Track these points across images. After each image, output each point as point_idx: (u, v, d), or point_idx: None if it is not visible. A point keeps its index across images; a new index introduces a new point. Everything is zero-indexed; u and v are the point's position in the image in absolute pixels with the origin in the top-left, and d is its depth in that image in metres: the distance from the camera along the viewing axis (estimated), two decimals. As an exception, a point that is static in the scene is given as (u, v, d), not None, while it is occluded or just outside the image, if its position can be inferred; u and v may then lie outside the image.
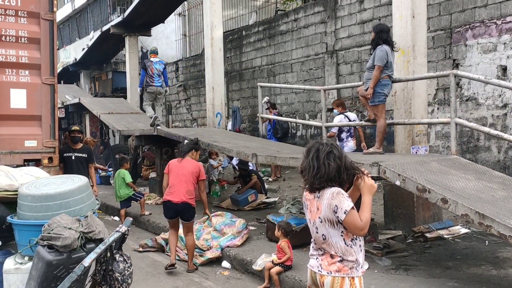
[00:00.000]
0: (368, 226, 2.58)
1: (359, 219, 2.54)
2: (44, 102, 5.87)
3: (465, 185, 4.69)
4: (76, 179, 3.96)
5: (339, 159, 2.62)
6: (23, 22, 5.65)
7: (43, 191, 3.64)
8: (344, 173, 2.63)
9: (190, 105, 17.32)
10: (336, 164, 2.60)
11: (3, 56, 5.53)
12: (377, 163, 4.94)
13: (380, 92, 6.13)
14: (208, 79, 11.67)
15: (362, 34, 10.69)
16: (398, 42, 6.40)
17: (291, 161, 6.13)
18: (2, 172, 3.90)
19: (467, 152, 8.40)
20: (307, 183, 2.71)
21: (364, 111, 10.01)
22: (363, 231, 2.56)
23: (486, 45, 8.14)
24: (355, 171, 2.67)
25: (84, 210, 3.72)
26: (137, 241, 7.10)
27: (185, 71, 17.54)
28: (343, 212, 2.53)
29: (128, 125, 11.56)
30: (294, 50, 12.69)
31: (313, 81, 12.00)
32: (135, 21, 15.55)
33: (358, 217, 2.54)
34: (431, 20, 8.84)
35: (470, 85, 8.32)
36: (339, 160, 2.62)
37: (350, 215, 2.53)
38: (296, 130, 12.67)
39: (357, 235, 2.61)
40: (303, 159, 2.74)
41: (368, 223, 2.58)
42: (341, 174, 2.62)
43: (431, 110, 8.86)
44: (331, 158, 2.60)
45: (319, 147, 2.67)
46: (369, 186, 2.65)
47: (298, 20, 12.52)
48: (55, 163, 5.97)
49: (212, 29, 11.49)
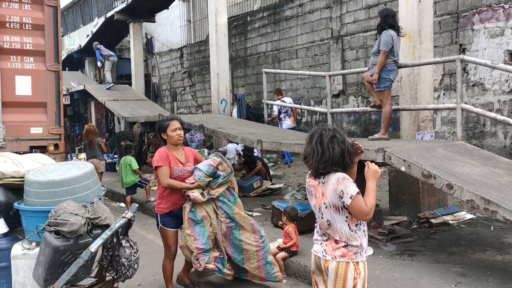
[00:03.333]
0: (373, 211, 2.60)
1: (364, 204, 2.56)
2: (49, 89, 5.87)
3: (471, 170, 4.67)
4: (82, 166, 3.97)
5: (343, 143, 2.63)
6: (27, 8, 5.63)
7: (49, 178, 3.66)
8: (348, 157, 2.64)
9: (195, 92, 17.30)
10: (340, 148, 2.61)
11: (7, 43, 5.53)
12: (383, 149, 4.93)
13: (386, 77, 6.09)
14: (213, 65, 11.64)
15: (368, 19, 10.58)
16: (404, 27, 6.33)
17: (296, 147, 6.13)
18: (9, 159, 3.93)
19: (473, 138, 8.36)
20: (311, 168, 2.72)
21: (369, 97, 9.96)
22: (368, 216, 2.57)
23: (493, 30, 8.04)
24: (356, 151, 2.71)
25: (90, 196, 3.74)
26: (143, 227, 7.15)
27: (189, 57, 17.48)
28: (349, 197, 2.54)
29: (133, 112, 11.59)
30: (299, 36, 12.60)
31: (318, 67, 11.93)
32: (139, 7, 15.47)
33: (364, 202, 2.56)
34: (437, 4, 8.73)
35: (476, 70, 8.24)
36: (342, 144, 2.63)
37: (356, 200, 2.54)
38: (301, 116, 12.64)
39: (362, 220, 2.63)
40: (305, 145, 2.75)
41: (373, 208, 2.59)
42: (345, 158, 2.63)
43: (437, 96, 8.80)
44: (335, 142, 2.61)
45: (322, 132, 2.67)
46: (373, 171, 2.68)
47: (303, 6, 12.40)
48: (61, 150, 5.99)
49: (216, 15, 11.43)
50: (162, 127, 4.20)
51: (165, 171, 4.11)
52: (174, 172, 4.15)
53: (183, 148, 4.35)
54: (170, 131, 4.17)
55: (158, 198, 4.33)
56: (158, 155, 4.17)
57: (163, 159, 4.12)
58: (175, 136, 4.17)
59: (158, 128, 4.26)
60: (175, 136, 4.17)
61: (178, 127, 4.19)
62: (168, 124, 4.19)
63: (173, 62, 18.57)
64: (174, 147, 4.24)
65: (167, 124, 4.19)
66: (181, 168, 4.19)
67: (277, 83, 13.32)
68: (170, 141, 4.21)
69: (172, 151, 4.20)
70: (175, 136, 4.17)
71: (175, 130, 4.17)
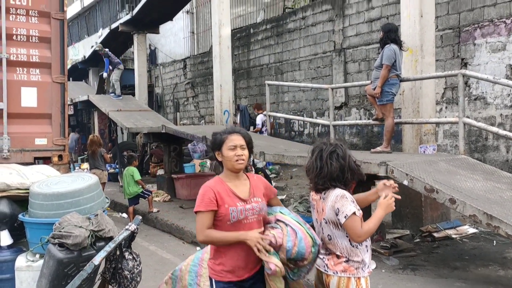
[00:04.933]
0: (367, 236, 2.56)
1: (359, 226, 2.53)
2: (54, 100, 5.91)
3: (473, 185, 4.69)
4: (87, 178, 4.01)
5: (343, 159, 2.63)
6: (34, 21, 5.69)
7: (54, 190, 3.69)
8: (348, 173, 2.64)
9: (197, 103, 17.37)
10: (339, 164, 2.61)
11: (14, 55, 5.58)
12: (385, 163, 4.95)
13: (388, 91, 6.14)
14: (216, 77, 11.70)
15: (370, 33, 10.66)
16: (406, 41, 6.39)
17: (298, 160, 6.15)
18: (14, 170, 3.96)
19: (475, 152, 8.37)
20: (311, 182, 2.73)
21: (372, 109, 9.99)
22: (360, 238, 2.55)
23: (495, 44, 8.10)
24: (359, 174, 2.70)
25: (94, 208, 3.77)
26: (145, 238, 7.16)
27: (193, 68, 17.58)
28: (344, 216, 2.54)
29: (136, 123, 11.65)
30: (302, 48, 12.69)
31: (321, 79, 11.99)
32: (144, 19, 15.61)
33: (359, 224, 2.53)
34: (439, 19, 8.80)
35: (478, 84, 8.28)
36: (342, 160, 2.63)
37: (350, 220, 2.52)
38: (304, 128, 12.67)
39: (353, 240, 2.58)
40: (308, 159, 2.77)
41: (369, 234, 2.56)
42: (345, 173, 2.63)
43: (439, 109, 8.83)
44: (333, 158, 2.62)
45: (322, 147, 2.69)
46: (387, 204, 2.62)
47: (306, 18, 12.50)
48: (65, 160, 6.02)
49: (220, 27, 11.51)
50: (216, 143, 2.73)
51: (204, 220, 2.59)
52: (231, 216, 2.59)
53: (247, 175, 2.80)
54: (227, 150, 2.66)
55: (214, 253, 2.70)
56: (201, 194, 2.65)
57: (205, 202, 2.60)
58: (232, 158, 2.64)
59: (212, 144, 2.78)
60: (233, 158, 2.64)
61: (240, 145, 2.66)
62: (224, 139, 2.68)
63: (176, 73, 18.68)
64: (232, 176, 2.70)
65: (223, 139, 2.69)
66: (241, 208, 2.61)
67: (279, 95, 13.38)
68: (227, 165, 2.69)
69: (227, 182, 2.68)
70: (233, 158, 2.64)
71: (234, 149, 2.65)
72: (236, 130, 2.78)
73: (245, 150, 2.70)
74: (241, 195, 2.67)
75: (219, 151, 2.71)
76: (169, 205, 8.98)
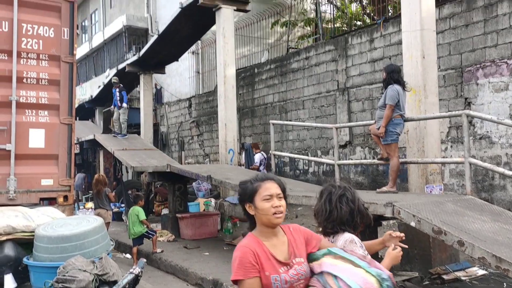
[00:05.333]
0: None
1: None
2: (61, 141, 5.99)
3: (481, 226, 4.63)
4: (92, 220, 4.01)
5: (352, 202, 2.62)
6: (44, 64, 5.85)
7: (59, 232, 3.69)
8: (358, 216, 2.62)
9: (202, 141, 17.46)
10: (348, 208, 2.59)
11: (23, 98, 5.70)
12: (391, 203, 4.92)
13: (393, 131, 6.17)
14: (221, 116, 11.84)
15: (373, 72, 10.81)
16: (409, 81, 6.46)
17: (304, 200, 6.12)
18: (20, 213, 3.97)
19: (482, 191, 8.31)
20: (320, 226, 2.71)
21: (376, 148, 10.01)
22: None
23: (497, 84, 8.18)
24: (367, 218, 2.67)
25: (99, 251, 3.75)
26: (148, 280, 7.05)
27: (197, 107, 17.78)
28: None
29: (141, 162, 11.70)
30: (305, 87, 12.84)
31: (325, 118, 12.08)
32: (150, 60, 15.93)
33: None
34: (441, 59, 8.93)
35: (483, 123, 8.31)
36: (352, 203, 2.61)
37: None
38: (309, 166, 12.67)
39: None
40: (316, 202, 2.75)
41: None
42: (354, 217, 2.61)
43: (444, 148, 8.84)
44: (343, 201, 2.60)
45: (331, 190, 2.67)
46: (394, 255, 2.56)
47: (309, 58, 12.72)
48: (70, 201, 6.02)
49: (225, 67, 11.75)
50: (247, 194, 2.26)
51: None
52: (273, 287, 2.13)
53: (283, 228, 2.32)
54: (261, 201, 2.20)
55: None
56: (238, 257, 2.15)
57: (246, 267, 2.11)
58: (269, 211, 2.18)
59: (241, 195, 2.30)
60: (270, 210, 2.18)
61: (276, 194, 2.21)
62: (256, 189, 2.24)
63: (182, 112, 18.88)
64: (269, 232, 2.23)
65: (256, 188, 2.24)
66: (284, 276, 2.15)
67: (284, 133, 13.45)
68: (262, 220, 2.21)
69: (264, 242, 2.20)
70: (270, 211, 2.18)
71: (270, 199, 2.19)
72: (269, 177, 2.31)
73: (282, 200, 2.23)
74: (281, 257, 2.20)
75: (250, 203, 2.22)
76: (173, 245, 8.89)
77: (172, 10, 15.91)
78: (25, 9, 5.76)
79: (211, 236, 9.55)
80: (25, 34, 5.75)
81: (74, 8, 6.12)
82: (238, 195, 2.38)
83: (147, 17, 21.45)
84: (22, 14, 5.73)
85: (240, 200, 2.32)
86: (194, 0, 11.88)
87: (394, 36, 10.23)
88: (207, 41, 17.59)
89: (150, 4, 21.50)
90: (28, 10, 5.79)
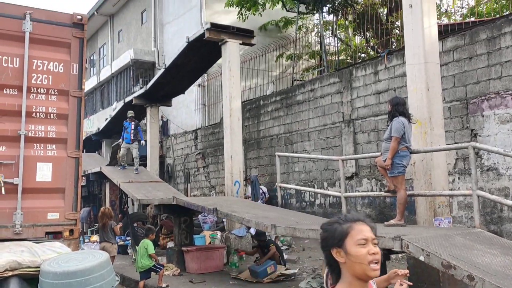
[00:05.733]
0: None
1: None
2: (68, 174, 5.99)
3: (491, 260, 4.55)
4: (98, 255, 3.98)
5: None
6: (53, 99, 5.92)
7: (64, 268, 3.66)
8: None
9: (208, 173, 17.47)
10: None
11: (32, 132, 5.75)
12: (399, 237, 4.86)
13: (399, 163, 6.16)
14: (227, 148, 11.88)
15: (378, 104, 10.87)
16: (414, 113, 6.49)
17: (310, 233, 6.06)
18: (26, 248, 3.95)
19: (491, 223, 8.20)
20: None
21: (383, 179, 9.96)
22: None
23: (503, 116, 8.19)
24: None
25: (104, 287, 3.71)
26: (154, 315, 6.93)
27: (203, 139, 17.87)
28: None
29: (147, 194, 11.68)
30: (311, 119, 12.92)
31: (331, 149, 12.09)
32: (157, 92, 16.13)
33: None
34: (446, 91, 8.99)
35: (490, 155, 8.29)
36: None
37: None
38: (315, 198, 12.59)
39: None
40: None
41: None
42: None
43: (452, 180, 8.78)
44: None
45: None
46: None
47: (314, 90, 12.84)
48: (76, 235, 5.98)
49: (231, 100, 11.87)
50: (335, 236, 1.92)
51: None
52: None
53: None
54: (355, 246, 1.87)
55: None
56: None
57: None
58: (365, 259, 1.84)
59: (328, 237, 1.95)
60: (366, 258, 1.84)
61: (371, 239, 1.90)
62: (348, 231, 1.91)
63: (188, 144, 18.97)
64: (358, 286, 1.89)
65: (347, 229, 1.91)
66: None
67: (290, 165, 13.45)
68: (354, 270, 1.86)
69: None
70: (366, 259, 1.84)
71: (366, 245, 1.87)
72: (360, 218, 1.97)
73: (377, 246, 1.89)
74: None
75: (339, 248, 1.86)
76: (178, 280, 8.78)
77: (178, 44, 16.24)
78: (36, 46, 5.88)
79: (217, 269, 9.42)
80: (35, 70, 5.86)
81: (84, 44, 6.25)
82: (322, 238, 2.00)
83: (154, 51, 21.86)
84: (33, 50, 5.85)
85: (324, 245, 1.96)
86: (200, 34, 12.12)
87: (398, 68, 10.34)
88: (213, 74, 17.84)
89: (157, 39, 21.95)
90: (39, 47, 5.92)
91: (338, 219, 1.99)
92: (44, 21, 5.99)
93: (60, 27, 6.07)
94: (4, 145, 5.63)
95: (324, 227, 2.00)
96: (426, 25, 6.73)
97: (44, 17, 6.01)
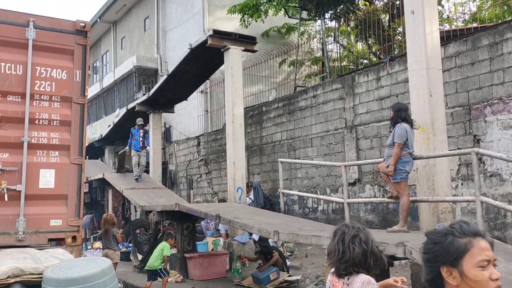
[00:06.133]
0: None
1: None
2: (71, 181, 6.00)
3: (496, 267, 4.52)
4: (100, 262, 3.98)
5: (365, 244, 2.58)
6: (56, 106, 5.93)
7: (67, 275, 3.66)
8: (371, 258, 2.57)
9: (211, 179, 17.46)
10: (361, 249, 2.56)
11: (35, 139, 5.76)
12: (403, 243, 4.85)
13: (402, 169, 6.14)
14: (229, 154, 11.87)
15: (381, 110, 10.86)
16: (416, 119, 6.48)
17: (313, 239, 6.05)
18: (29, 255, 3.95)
19: (494, 229, 8.16)
20: (333, 266, 2.67)
21: (386, 185, 9.93)
22: None
23: (506, 122, 8.17)
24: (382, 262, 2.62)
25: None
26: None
27: (206, 145, 17.88)
28: None
29: (150, 200, 11.68)
30: (313, 125, 12.91)
31: (333, 155, 12.07)
32: (160, 99, 16.17)
33: None
34: (448, 97, 8.98)
35: (493, 160, 8.26)
36: (365, 244, 2.57)
37: None
38: (318, 204, 12.56)
39: None
40: (330, 242, 2.72)
41: None
42: (368, 259, 2.56)
43: (455, 186, 8.75)
44: (356, 242, 2.57)
45: (345, 230, 2.64)
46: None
47: (317, 97, 12.85)
48: (78, 242, 5.98)
49: (233, 106, 11.88)
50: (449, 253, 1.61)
51: None
52: None
53: None
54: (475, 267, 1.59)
55: None
56: None
57: None
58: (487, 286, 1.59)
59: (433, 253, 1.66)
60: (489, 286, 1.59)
61: (493, 260, 1.63)
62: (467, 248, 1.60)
63: (190, 150, 18.98)
64: None
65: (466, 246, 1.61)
66: None
67: (292, 171, 13.43)
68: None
69: None
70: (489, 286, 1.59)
71: (488, 267, 1.61)
72: (480, 232, 1.62)
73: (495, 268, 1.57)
74: None
75: (452, 267, 1.56)
76: (181, 287, 8.76)
77: (181, 51, 16.30)
78: (39, 53, 5.91)
79: (219, 276, 9.40)
80: (38, 77, 5.87)
81: (87, 51, 6.27)
82: (429, 251, 1.67)
83: (157, 58, 21.94)
84: (36, 57, 5.87)
85: (431, 260, 1.64)
86: (203, 41, 12.16)
87: (400, 74, 10.34)
88: (215, 80, 17.87)
89: (160, 45, 22.04)
90: (42, 54, 5.94)
91: (453, 230, 1.63)
92: (47, 28, 6.01)
93: (63, 34, 6.10)
94: (7, 151, 5.64)
95: (434, 238, 1.66)
96: (428, 31, 6.73)
97: (47, 24, 6.04)
